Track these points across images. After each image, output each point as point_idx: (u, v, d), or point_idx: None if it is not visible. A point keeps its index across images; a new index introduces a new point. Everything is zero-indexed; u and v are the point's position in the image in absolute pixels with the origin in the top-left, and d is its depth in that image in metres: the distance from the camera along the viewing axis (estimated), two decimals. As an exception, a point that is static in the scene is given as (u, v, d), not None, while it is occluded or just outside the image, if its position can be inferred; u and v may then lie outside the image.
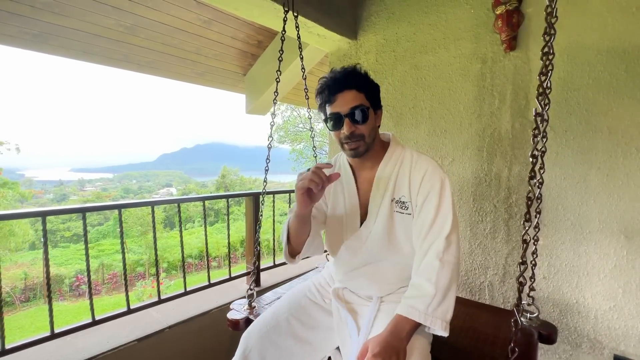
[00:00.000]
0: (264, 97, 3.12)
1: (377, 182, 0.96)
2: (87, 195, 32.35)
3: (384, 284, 1.00)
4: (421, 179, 0.90)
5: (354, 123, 0.89)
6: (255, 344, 0.93)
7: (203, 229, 1.97)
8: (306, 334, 0.98)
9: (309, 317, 1.01)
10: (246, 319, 1.18)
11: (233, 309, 1.25)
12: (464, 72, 1.68)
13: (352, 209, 1.01)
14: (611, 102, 1.31)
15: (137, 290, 8.60)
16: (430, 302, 0.79)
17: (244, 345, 0.94)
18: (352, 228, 1.00)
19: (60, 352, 1.39)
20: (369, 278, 1.01)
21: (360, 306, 1.00)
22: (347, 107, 0.88)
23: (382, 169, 0.96)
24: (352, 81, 0.90)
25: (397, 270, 0.99)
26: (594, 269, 1.37)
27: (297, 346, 0.96)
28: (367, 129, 0.91)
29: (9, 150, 17.06)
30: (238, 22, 2.51)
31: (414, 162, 0.94)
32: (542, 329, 1.14)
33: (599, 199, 1.35)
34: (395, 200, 0.94)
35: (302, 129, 17.05)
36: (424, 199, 0.90)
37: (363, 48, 2.07)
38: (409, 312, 0.80)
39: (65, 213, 1.58)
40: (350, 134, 0.89)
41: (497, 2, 1.50)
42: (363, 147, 0.92)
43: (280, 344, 0.94)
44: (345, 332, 0.93)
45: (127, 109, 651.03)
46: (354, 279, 1.03)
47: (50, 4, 1.90)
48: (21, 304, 10.46)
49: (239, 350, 0.94)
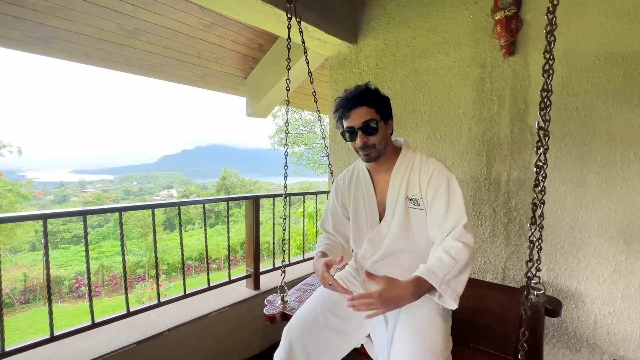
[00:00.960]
0: (264, 100, 3.14)
1: (392, 183, 1.09)
2: (87, 197, 32.37)
3: (405, 272, 1.07)
4: (429, 178, 1.02)
5: (366, 134, 1.03)
6: (298, 338, 1.03)
7: (203, 231, 1.97)
8: (340, 325, 1.07)
9: (341, 309, 1.09)
10: (282, 313, 1.26)
11: (267, 304, 1.33)
12: (464, 76, 1.69)
13: (371, 208, 1.14)
14: (609, 107, 1.32)
15: (136, 292, 8.59)
16: (449, 271, 0.87)
17: (287, 339, 1.04)
18: (373, 224, 1.13)
19: (59, 354, 1.39)
20: (391, 267, 1.10)
21: None
22: (360, 121, 1.02)
23: (395, 171, 1.09)
24: (363, 98, 1.04)
25: (416, 260, 1.07)
26: (593, 273, 1.37)
27: (334, 336, 1.06)
28: (377, 139, 1.04)
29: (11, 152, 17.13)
30: (239, 25, 2.53)
31: (423, 164, 1.06)
32: (548, 303, 1.22)
33: (598, 204, 1.35)
34: (409, 198, 1.06)
35: (303, 131, 17.07)
36: (433, 195, 1.01)
37: (363, 52, 2.08)
38: (427, 274, 0.86)
39: (66, 216, 1.58)
40: (363, 144, 1.04)
41: (496, 8, 1.52)
42: (375, 153, 1.06)
43: (319, 335, 1.05)
44: (374, 322, 1.02)
45: (128, 111, 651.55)
46: (377, 269, 1.11)
47: (54, 8, 1.91)
48: (20, 306, 10.44)
49: (283, 344, 1.04)
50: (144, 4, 2.08)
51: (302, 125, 16.93)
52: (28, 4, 1.84)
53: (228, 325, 1.87)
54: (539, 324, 1.11)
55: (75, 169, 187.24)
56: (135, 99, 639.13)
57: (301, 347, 1.02)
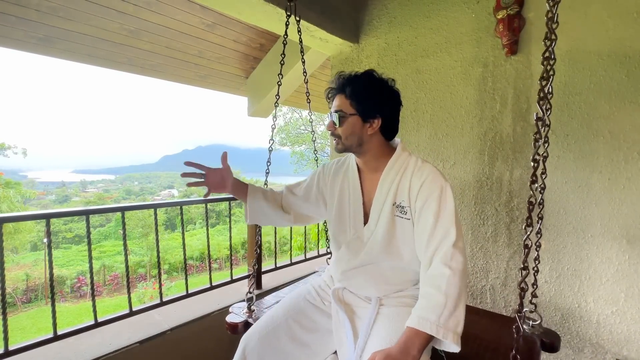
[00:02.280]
0: (266, 100, 3.14)
1: (381, 186, 0.99)
2: (89, 197, 32.46)
3: (382, 285, 1.01)
4: (420, 185, 0.92)
5: (333, 124, 0.99)
6: (254, 347, 0.95)
7: (204, 230, 1.98)
8: (305, 337, 0.99)
9: (308, 319, 1.02)
10: (245, 322, 1.17)
11: (232, 312, 1.25)
12: (466, 75, 1.69)
13: (356, 208, 1.04)
14: (612, 106, 1.32)
15: (138, 292, 8.62)
16: (442, 312, 0.76)
17: (242, 347, 0.96)
18: (356, 226, 1.03)
19: (62, 354, 1.39)
20: (368, 278, 1.02)
21: (360, 308, 1.00)
22: (334, 109, 0.99)
23: (386, 173, 0.99)
24: (344, 88, 0.97)
25: (396, 273, 1.00)
26: (596, 273, 1.37)
27: (296, 349, 0.97)
28: (343, 132, 0.98)
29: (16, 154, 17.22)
30: (241, 25, 2.54)
31: (416, 169, 0.96)
32: (545, 337, 1.12)
33: (601, 203, 1.35)
34: (396, 205, 0.96)
35: (304, 131, 17.07)
36: (422, 205, 0.90)
37: (365, 52, 2.08)
38: (419, 323, 0.76)
39: (69, 215, 1.59)
40: (330, 132, 1.01)
41: (499, 7, 1.51)
42: (340, 145, 1.01)
43: (279, 346, 0.95)
44: (343, 335, 0.94)
45: (129, 111, 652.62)
46: (352, 277, 1.04)
47: (56, 9, 1.92)
48: (22, 305, 10.48)
49: (238, 353, 0.95)
50: (146, 4, 2.08)
51: (304, 124, 16.94)
52: (31, 4, 1.84)
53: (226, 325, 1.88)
54: (534, 359, 1.00)
55: (77, 169, 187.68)
56: (136, 98, 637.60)
57: (257, 358, 0.93)
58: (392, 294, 1.01)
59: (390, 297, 1.00)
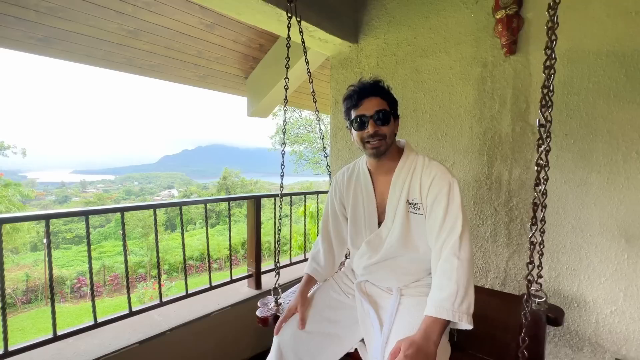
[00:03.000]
0: (265, 100, 3.14)
1: (394, 185, 1.06)
2: (89, 197, 32.44)
3: (402, 276, 1.09)
4: (430, 182, 0.99)
5: (377, 124, 1.01)
6: (288, 342, 1.01)
7: (204, 230, 1.98)
8: (333, 329, 1.05)
9: (334, 312, 1.09)
10: (274, 315, 1.23)
11: (260, 306, 1.30)
12: (465, 75, 1.69)
13: (370, 210, 1.11)
14: (611, 106, 1.32)
15: (138, 292, 8.62)
16: (455, 299, 0.85)
17: (277, 345, 1.01)
18: (372, 227, 1.11)
19: (62, 354, 1.39)
20: (389, 271, 1.09)
21: (382, 298, 1.07)
22: (373, 109, 1.01)
23: (397, 173, 1.06)
24: (378, 90, 1.04)
25: (414, 264, 1.07)
26: (595, 272, 1.37)
27: (326, 341, 1.03)
28: (388, 130, 1.02)
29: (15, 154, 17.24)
30: (240, 26, 2.54)
31: (425, 167, 1.03)
32: (550, 312, 1.20)
33: (600, 203, 1.35)
34: (409, 202, 1.03)
35: (303, 131, 17.07)
36: (433, 200, 0.98)
37: (364, 52, 2.08)
38: (437, 311, 0.85)
39: (69, 216, 1.59)
40: (374, 132, 1.00)
41: (497, 7, 1.51)
42: (384, 146, 1.02)
43: (311, 340, 1.02)
44: (368, 325, 1.00)
45: (129, 111, 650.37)
46: (374, 272, 1.11)
47: (55, 9, 1.92)
48: (22, 306, 10.48)
49: (274, 349, 1.02)
50: (145, 4, 2.08)
51: (303, 124, 16.94)
52: (30, 5, 1.84)
53: (230, 324, 1.88)
54: (540, 332, 1.09)
55: (77, 169, 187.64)
56: (136, 99, 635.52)
57: (292, 353, 0.99)
58: (411, 284, 1.08)
59: (410, 286, 1.07)
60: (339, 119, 2.26)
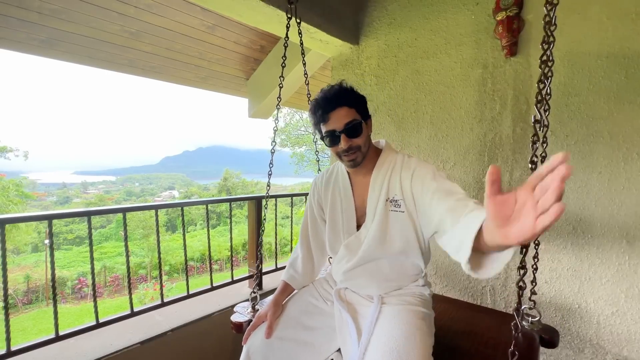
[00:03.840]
0: (266, 101, 3.15)
1: (373, 185, 1.02)
2: (90, 198, 32.50)
3: (383, 282, 1.04)
4: (411, 174, 0.96)
5: (350, 137, 0.95)
6: (259, 346, 0.96)
7: (205, 231, 1.98)
8: (308, 336, 1.00)
9: (311, 319, 1.04)
10: (249, 321, 1.18)
11: (237, 311, 1.26)
12: (465, 77, 1.69)
13: (348, 212, 1.07)
14: (612, 107, 1.32)
15: (139, 293, 8.62)
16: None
17: (246, 349, 0.97)
18: (350, 229, 1.07)
19: (64, 354, 1.40)
20: (368, 276, 1.04)
21: (362, 307, 1.02)
22: (341, 123, 0.94)
23: (376, 173, 1.02)
24: (343, 99, 0.96)
25: (394, 269, 1.03)
26: (596, 273, 1.37)
27: (300, 348, 0.98)
28: (362, 141, 0.97)
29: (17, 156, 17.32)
30: (241, 27, 2.55)
31: (404, 163, 1.00)
32: (544, 332, 1.13)
33: (601, 204, 1.35)
34: (389, 200, 0.99)
35: (304, 132, 17.09)
36: (421, 187, 0.92)
37: (365, 53, 2.09)
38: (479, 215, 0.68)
39: (71, 216, 1.59)
40: (348, 147, 0.95)
41: (498, 9, 1.52)
42: (360, 157, 0.99)
43: (283, 347, 0.97)
44: (346, 335, 0.95)
45: (130, 112, 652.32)
46: (354, 277, 1.06)
47: (58, 11, 1.93)
48: (23, 306, 10.50)
49: (244, 353, 0.97)
50: (146, 6, 2.09)
51: (304, 126, 16.95)
52: (33, 6, 1.85)
53: (230, 325, 1.88)
54: (533, 355, 1.02)
55: (78, 170, 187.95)
56: (137, 100, 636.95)
57: (262, 358, 0.95)
58: (393, 292, 1.03)
59: (391, 295, 1.03)
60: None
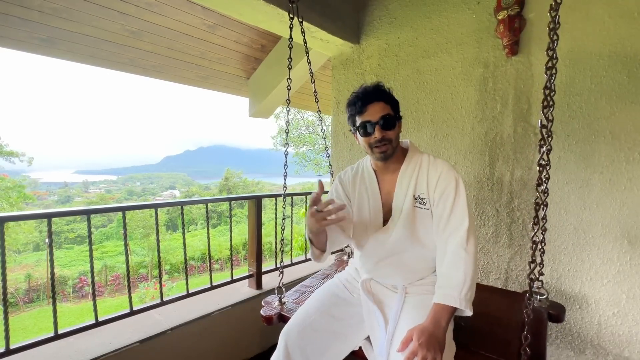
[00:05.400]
0: (267, 101, 3.15)
1: (400, 182, 1.09)
2: (91, 197, 32.55)
3: (407, 273, 1.10)
4: (437, 177, 1.04)
5: (384, 129, 1.03)
6: (295, 341, 1.02)
7: (205, 231, 1.98)
8: (339, 327, 1.07)
9: (339, 311, 1.10)
10: (279, 314, 1.25)
11: (265, 305, 1.31)
12: (466, 76, 1.69)
13: (375, 209, 1.13)
14: (613, 107, 1.31)
15: (139, 292, 8.63)
16: (462, 288, 0.90)
17: (284, 342, 1.03)
18: (377, 224, 1.13)
19: (63, 353, 1.40)
20: (394, 268, 1.10)
21: (387, 297, 1.08)
22: (378, 115, 1.03)
23: (404, 170, 1.10)
24: (381, 95, 1.06)
25: (419, 261, 1.10)
26: (597, 274, 1.36)
27: (332, 339, 1.05)
28: (394, 134, 1.06)
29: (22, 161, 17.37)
30: (242, 26, 2.54)
31: (431, 164, 1.08)
32: (551, 309, 1.21)
33: (602, 204, 1.34)
34: (416, 197, 1.06)
35: (305, 132, 17.08)
36: (440, 195, 1.02)
37: (366, 52, 2.08)
38: (445, 299, 0.90)
39: (70, 215, 1.60)
40: (381, 138, 1.03)
41: (499, 8, 1.51)
42: (391, 149, 1.06)
43: (317, 338, 1.03)
44: (374, 323, 1.02)
45: (131, 111, 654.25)
46: (380, 269, 1.13)
47: (59, 10, 1.93)
48: (24, 305, 10.52)
49: (280, 347, 1.03)
50: (147, 5, 2.09)
51: (305, 125, 16.94)
52: (34, 5, 1.86)
53: (230, 324, 1.88)
54: (541, 329, 1.10)
55: (79, 169, 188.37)
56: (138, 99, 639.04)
57: (299, 350, 1.01)
58: (416, 282, 1.10)
59: (415, 285, 1.09)
60: (340, 120, 2.26)
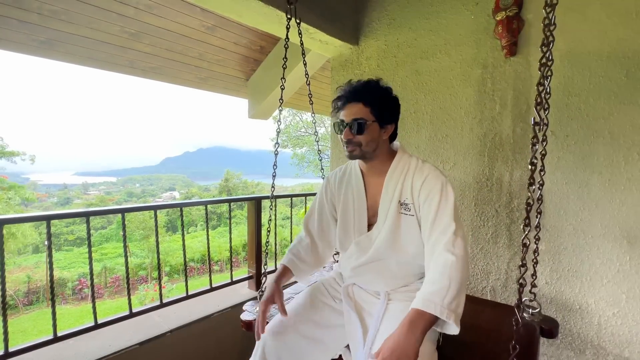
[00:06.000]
0: (266, 102, 3.15)
1: (386, 187, 1.05)
2: (90, 199, 32.52)
3: (390, 279, 1.07)
4: (422, 182, 1.00)
5: (352, 132, 1.00)
6: (271, 346, 0.99)
7: (205, 232, 1.98)
8: (318, 333, 1.03)
9: (320, 317, 1.06)
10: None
11: (245, 310, 1.27)
12: (465, 77, 1.69)
13: (360, 211, 1.10)
14: (612, 107, 1.32)
15: (139, 294, 8.62)
16: (446, 294, 0.80)
17: (261, 347, 0.99)
18: (361, 228, 1.10)
19: (62, 355, 1.39)
20: (376, 274, 1.07)
21: (369, 303, 1.05)
22: (350, 117, 1.00)
23: (390, 174, 1.06)
24: (362, 95, 1.00)
25: (402, 267, 1.05)
26: (597, 274, 1.36)
27: (311, 345, 1.01)
28: (364, 139, 1.00)
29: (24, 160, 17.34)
30: (241, 28, 2.55)
31: (417, 169, 1.03)
32: (544, 323, 1.17)
33: (601, 204, 1.34)
34: (401, 203, 1.03)
35: (304, 133, 17.09)
36: (425, 199, 0.98)
37: (364, 53, 2.08)
38: (424, 304, 0.80)
39: (69, 217, 1.59)
40: (347, 140, 1.01)
41: (498, 8, 1.52)
42: (358, 152, 1.02)
43: (296, 344, 1.00)
44: (354, 330, 0.98)
45: (131, 113, 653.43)
46: (362, 274, 1.09)
47: (58, 12, 1.94)
48: (24, 308, 10.49)
49: (257, 351, 0.99)
50: (146, 7, 2.09)
51: (304, 127, 16.95)
52: (33, 7, 1.86)
53: (230, 326, 1.88)
54: (533, 345, 1.05)
55: (79, 171, 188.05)
56: (137, 101, 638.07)
57: (275, 356, 0.97)
58: (399, 289, 1.06)
59: (398, 291, 1.05)
60: (340, 121, 2.26)
